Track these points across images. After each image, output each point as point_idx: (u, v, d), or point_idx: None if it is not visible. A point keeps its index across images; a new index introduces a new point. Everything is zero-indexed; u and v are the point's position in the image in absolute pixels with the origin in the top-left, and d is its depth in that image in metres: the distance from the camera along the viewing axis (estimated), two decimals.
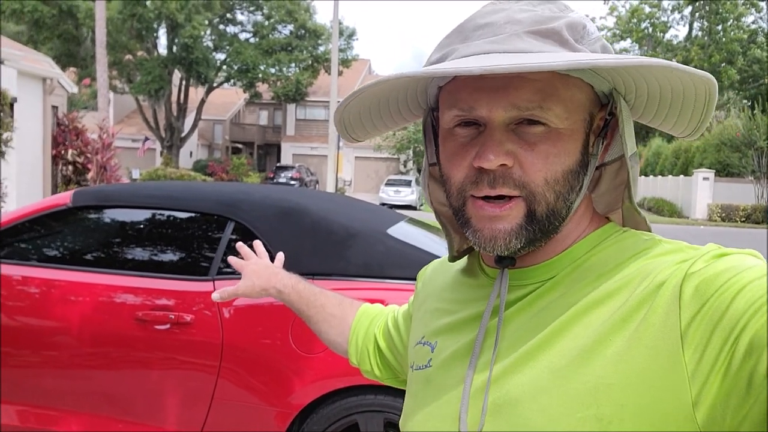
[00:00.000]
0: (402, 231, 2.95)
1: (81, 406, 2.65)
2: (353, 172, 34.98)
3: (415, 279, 2.73)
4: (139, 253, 2.83)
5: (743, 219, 23.40)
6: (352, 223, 2.75)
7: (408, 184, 25.47)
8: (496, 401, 0.65)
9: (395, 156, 33.03)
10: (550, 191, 0.65)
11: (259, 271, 1.16)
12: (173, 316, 2.57)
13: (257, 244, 1.27)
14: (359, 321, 1.09)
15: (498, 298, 0.70)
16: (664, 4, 38.86)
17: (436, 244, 3.01)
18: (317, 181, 32.92)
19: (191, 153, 37.90)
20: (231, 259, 1.23)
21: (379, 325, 1.06)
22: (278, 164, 34.42)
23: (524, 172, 0.64)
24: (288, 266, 2.58)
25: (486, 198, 0.66)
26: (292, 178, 29.85)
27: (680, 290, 0.58)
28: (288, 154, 37.99)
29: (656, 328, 0.58)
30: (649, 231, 0.74)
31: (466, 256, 0.85)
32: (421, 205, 25.41)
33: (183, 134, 32.83)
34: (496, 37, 0.64)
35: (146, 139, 31.22)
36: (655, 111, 0.69)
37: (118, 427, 2.63)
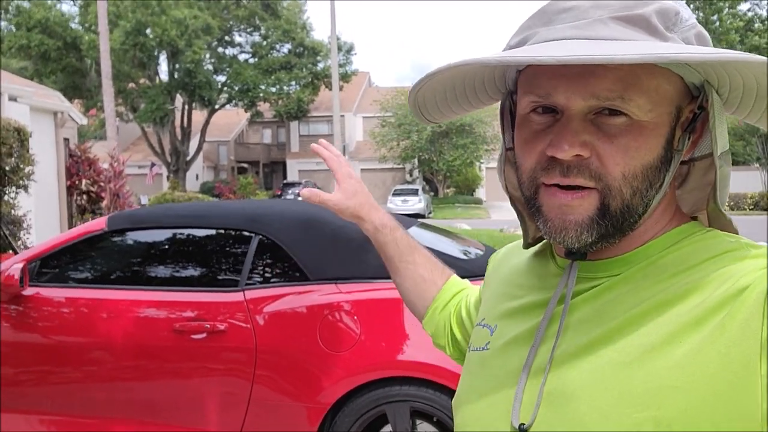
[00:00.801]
0: (415, 234, 3.15)
1: (128, 414, 2.85)
2: None
3: None
4: (173, 270, 3.04)
5: (752, 207, 23.45)
6: None
7: (415, 193, 25.64)
8: (551, 392, 0.62)
9: (401, 166, 33.24)
10: (627, 186, 0.62)
11: (358, 193, 1.06)
12: (209, 326, 2.77)
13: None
14: (442, 294, 1.04)
15: (565, 288, 0.68)
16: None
17: (448, 246, 3.20)
18: None
19: (197, 176, 38.31)
20: (328, 157, 1.11)
21: (457, 304, 1.03)
22: (285, 181, 34.74)
23: (602, 164, 0.61)
24: (313, 273, 2.80)
25: (557, 186, 0.64)
26: (300, 195, 30.14)
27: (766, 298, 0.54)
28: (294, 170, 38.34)
29: (733, 334, 0.54)
30: (736, 233, 0.69)
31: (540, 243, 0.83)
32: (430, 213, 25.59)
33: (188, 157, 33.25)
34: (579, 21, 0.61)
35: (153, 165, 31.64)
36: (751, 106, 0.64)
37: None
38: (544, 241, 0.82)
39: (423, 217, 24.22)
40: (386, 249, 1.05)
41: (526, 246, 0.83)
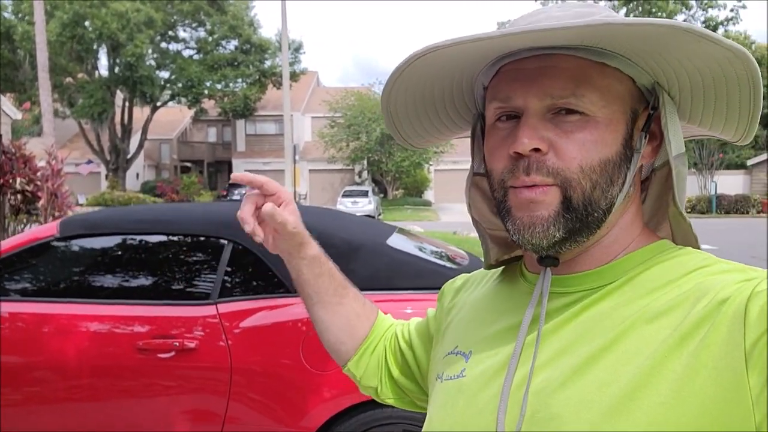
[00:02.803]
0: (399, 242, 2.95)
1: None
2: (308, 185, 34.78)
3: (421, 288, 2.70)
4: (136, 281, 2.74)
5: (689, 210, 24.36)
6: (352, 237, 2.73)
7: (365, 194, 25.44)
8: (536, 415, 0.61)
9: (350, 167, 33.00)
10: (585, 179, 0.64)
11: (296, 214, 0.90)
12: (177, 344, 2.49)
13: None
14: (374, 330, 0.97)
15: (539, 305, 0.67)
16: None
17: (430, 255, 3.02)
18: None
19: (138, 174, 37.00)
20: (265, 180, 0.86)
21: (388, 339, 0.98)
22: (231, 181, 33.91)
23: (559, 158, 0.64)
24: (292, 284, 2.56)
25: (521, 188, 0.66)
26: (241, 197, 29.48)
27: (745, 309, 0.54)
28: (240, 170, 36.98)
29: (718, 348, 0.55)
30: (696, 239, 0.72)
31: (502, 267, 0.83)
32: (380, 214, 25.45)
33: (129, 156, 32.05)
34: (531, 20, 0.67)
35: (90, 161, 30.34)
36: (701, 110, 0.68)
37: None
38: (507, 263, 0.83)
39: (373, 218, 24.04)
40: (319, 282, 0.94)
41: (488, 267, 0.84)
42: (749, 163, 28.42)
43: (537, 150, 0.63)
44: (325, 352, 2.58)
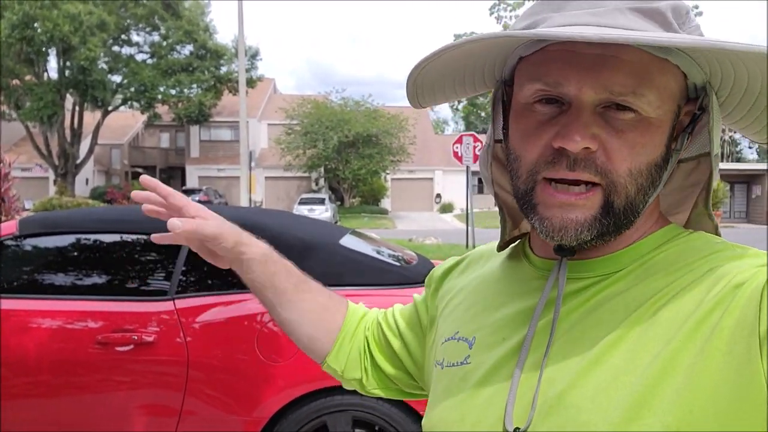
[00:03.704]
0: (351, 242, 3.11)
1: None
2: (264, 193, 34.59)
3: (370, 285, 2.86)
4: (95, 278, 2.83)
5: None
6: (307, 237, 2.88)
7: (322, 201, 25.51)
8: (548, 401, 0.60)
9: (306, 174, 32.99)
10: (632, 183, 0.61)
11: (225, 221, 0.86)
12: (136, 337, 2.59)
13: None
14: (348, 320, 0.93)
15: (554, 291, 0.66)
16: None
17: (381, 254, 3.19)
18: (226, 203, 32.28)
19: (87, 180, 36.10)
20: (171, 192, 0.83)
21: (368, 326, 0.94)
22: (184, 187, 33.45)
23: (608, 159, 0.60)
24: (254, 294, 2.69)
25: (558, 183, 0.61)
26: (200, 202, 29.10)
27: (761, 293, 0.53)
28: (194, 176, 36.99)
29: (732, 332, 0.54)
30: (716, 233, 0.70)
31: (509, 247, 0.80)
32: (337, 222, 25.53)
33: (78, 161, 31.27)
34: (596, 9, 0.59)
35: (38, 165, 29.47)
36: (745, 111, 0.65)
37: None
38: (515, 240, 0.80)
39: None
40: (276, 280, 0.88)
41: (500, 248, 0.80)
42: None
43: (586, 148, 0.59)
44: (280, 345, 2.72)
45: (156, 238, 0.82)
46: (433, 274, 0.90)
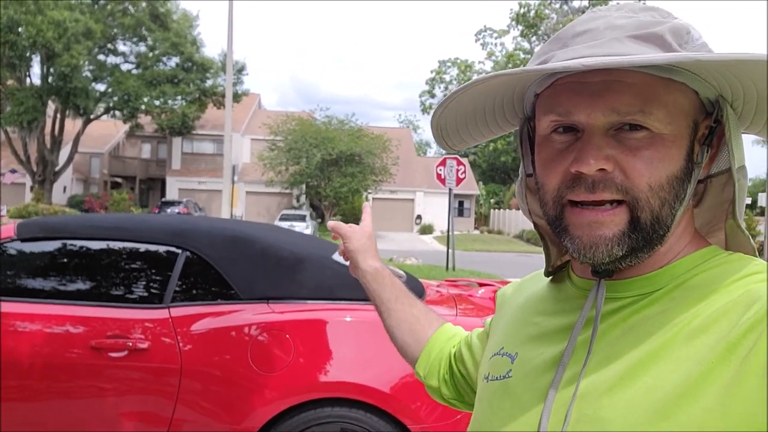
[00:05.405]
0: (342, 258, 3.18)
1: None
2: (244, 207, 34.45)
3: (361, 300, 2.93)
4: (91, 284, 2.86)
5: None
6: (298, 250, 2.95)
7: (303, 218, 25.52)
8: (581, 417, 0.62)
9: (288, 190, 32.96)
10: (654, 197, 0.63)
11: (371, 237, 1.16)
12: (130, 344, 2.63)
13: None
14: (438, 335, 1.04)
15: (592, 310, 0.68)
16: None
17: None
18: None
19: (65, 188, 35.68)
20: (331, 224, 1.21)
21: (453, 345, 1.03)
22: (163, 199, 33.19)
23: (627, 177, 0.62)
24: (244, 291, 2.75)
25: (584, 204, 0.65)
26: (179, 214, 28.93)
27: None
28: (174, 188, 36.75)
29: (766, 356, 0.54)
30: (754, 252, 0.70)
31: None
32: None
33: (57, 168, 30.95)
34: (595, 41, 0.63)
35: (14, 171, 29.07)
36: (765, 120, 0.66)
37: None
38: (562, 268, 0.82)
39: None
40: (383, 291, 1.08)
41: (547, 274, 0.82)
42: None
43: (602, 170, 0.62)
44: (272, 356, 2.77)
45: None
46: (501, 291, 0.96)
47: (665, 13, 0.67)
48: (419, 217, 36.65)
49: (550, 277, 0.82)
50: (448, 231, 14.51)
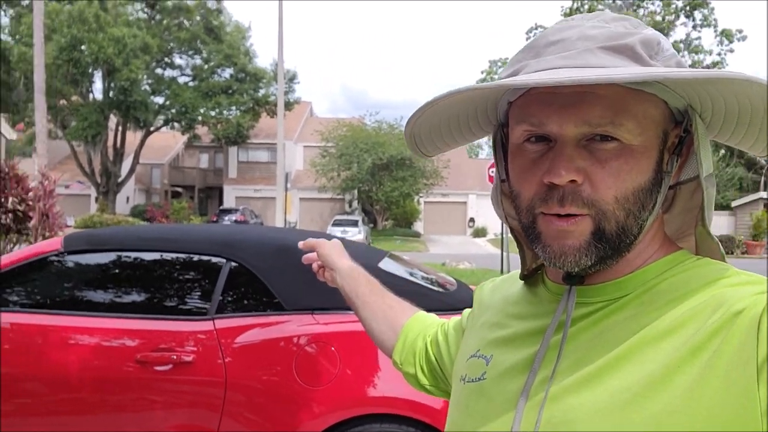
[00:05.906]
0: (390, 265, 3.07)
1: None
2: (298, 214, 34.87)
3: None
4: (136, 296, 2.84)
5: None
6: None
7: (355, 224, 25.53)
8: (551, 419, 0.64)
9: (340, 196, 33.17)
10: (620, 209, 0.64)
11: (335, 243, 1.22)
12: (175, 357, 2.59)
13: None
14: (412, 322, 1.07)
15: (564, 314, 0.70)
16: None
17: (420, 279, 3.15)
18: (262, 224, 32.61)
19: (128, 198, 36.96)
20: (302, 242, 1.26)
21: (429, 332, 1.05)
22: (221, 207, 33.93)
23: (594, 189, 0.64)
24: (288, 302, 2.67)
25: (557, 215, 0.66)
26: (236, 221, 29.49)
27: (759, 321, 0.55)
28: (231, 196, 37.54)
29: (729, 359, 0.56)
30: (723, 259, 0.72)
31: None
32: (369, 244, 25.52)
33: (120, 179, 32.10)
34: (567, 52, 0.64)
35: (79, 182, 30.34)
36: (732, 129, 0.67)
37: None
38: (538, 271, 0.84)
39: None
40: (358, 286, 1.13)
41: (523, 277, 0.84)
42: (734, 204, 28.87)
43: (572, 181, 0.63)
44: (318, 368, 2.69)
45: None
46: (479, 289, 0.97)
47: (637, 23, 0.68)
48: (472, 219, 36.19)
49: (527, 280, 0.84)
50: (501, 233, 14.23)
